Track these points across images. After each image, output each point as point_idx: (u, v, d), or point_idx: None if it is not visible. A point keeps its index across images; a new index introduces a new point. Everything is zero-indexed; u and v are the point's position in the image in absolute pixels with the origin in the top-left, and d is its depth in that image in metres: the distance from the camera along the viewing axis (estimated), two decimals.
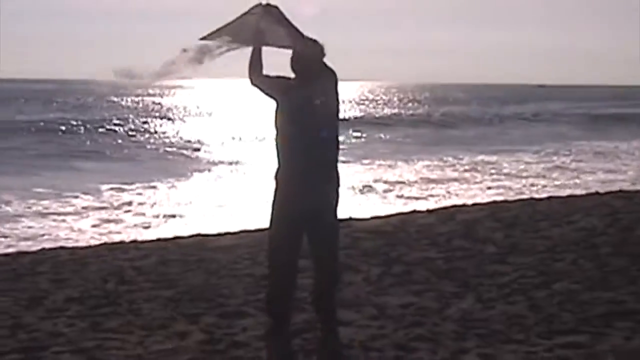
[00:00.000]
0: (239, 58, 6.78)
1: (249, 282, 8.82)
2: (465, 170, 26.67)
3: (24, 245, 12.99)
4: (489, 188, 21.88)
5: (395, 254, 10.18)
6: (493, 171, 26.36)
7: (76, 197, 19.02)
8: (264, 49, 6.66)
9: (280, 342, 6.62)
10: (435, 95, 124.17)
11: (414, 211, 14.68)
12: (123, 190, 20.42)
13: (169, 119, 56.13)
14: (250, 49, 6.65)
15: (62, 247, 11.82)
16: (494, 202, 16.45)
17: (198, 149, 34.53)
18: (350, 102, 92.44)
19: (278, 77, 6.60)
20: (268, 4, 6.52)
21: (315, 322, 6.92)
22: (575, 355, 6.39)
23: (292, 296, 6.74)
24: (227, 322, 7.35)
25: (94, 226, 15.51)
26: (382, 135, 44.79)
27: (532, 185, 22.92)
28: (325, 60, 6.52)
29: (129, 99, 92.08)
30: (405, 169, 27.06)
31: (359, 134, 43.22)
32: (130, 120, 48.69)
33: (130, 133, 41.97)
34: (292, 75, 6.56)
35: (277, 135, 6.63)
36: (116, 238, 13.44)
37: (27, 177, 23.79)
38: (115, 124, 46.46)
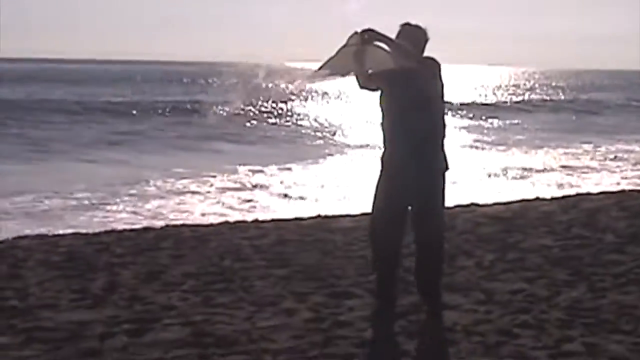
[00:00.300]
0: None
1: (361, 264, 8.85)
2: (602, 159, 25.98)
3: (153, 221, 13.37)
4: (624, 178, 21.20)
5: (512, 240, 10.07)
6: (631, 160, 25.54)
7: (214, 176, 19.44)
8: None
9: (385, 323, 6.77)
10: (582, 81, 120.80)
11: (537, 198, 14.44)
12: (259, 171, 20.73)
13: (306, 101, 56.35)
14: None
15: (184, 225, 12.08)
16: (622, 191, 16.01)
17: (334, 133, 34.63)
18: (488, 87, 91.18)
19: (382, 71, 6.72)
20: (363, 30, 6.64)
21: (421, 305, 7.00)
22: None
23: (396, 277, 6.90)
24: (335, 302, 7.43)
25: (225, 205, 15.83)
26: (520, 121, 43.88)
27: None
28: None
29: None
30: (539, 155, 26.62)
31: (496, 120, 42.73)
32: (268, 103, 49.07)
33: (266, 115, 42.33)
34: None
35: (382, 118, 6.82)
36: (241, 217, 13.68)
37: (168, 157, 24.60)
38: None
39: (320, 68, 7.06)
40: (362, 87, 6.90)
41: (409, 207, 6.74)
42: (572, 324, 6.78)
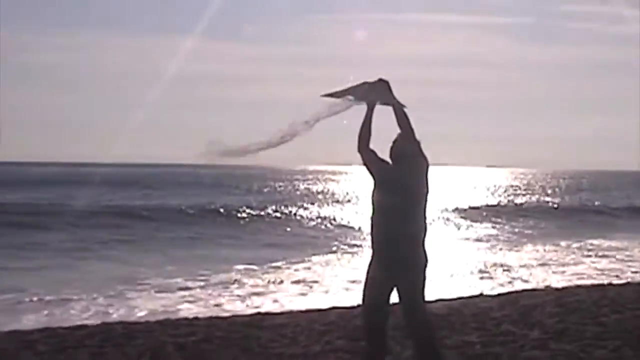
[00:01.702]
0: None
1: None
2: (581, 254, 25.89)
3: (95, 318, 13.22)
4: (593, 271, 20.88)
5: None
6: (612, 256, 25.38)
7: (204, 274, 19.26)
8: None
9: None
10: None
11: (481, 294, 14.31)
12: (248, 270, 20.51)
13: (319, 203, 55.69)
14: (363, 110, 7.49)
15: (120, 322, 11.94)
16: (563, 288, 15.75)
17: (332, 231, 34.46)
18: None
19: (380, 159, 7.38)
20: (380, 79, 7.42)
21: None
22: None
23: (383, 331, 7.44)
24: None
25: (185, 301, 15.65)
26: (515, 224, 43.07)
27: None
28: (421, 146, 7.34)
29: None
30: (520, 253, 26.49)
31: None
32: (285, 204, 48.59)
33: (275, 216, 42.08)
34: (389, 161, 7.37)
35: (372, 207, 7.38)
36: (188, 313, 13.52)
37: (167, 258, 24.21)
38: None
39: (337, 92, 7.57)
40: (359, 152, 7.40)
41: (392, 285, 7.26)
42: None
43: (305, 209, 46.49)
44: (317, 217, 41.83)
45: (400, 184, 7.21)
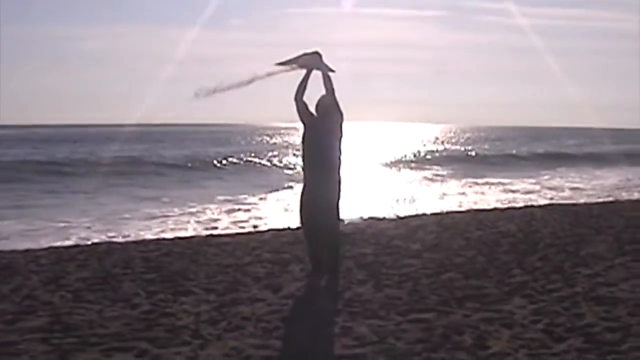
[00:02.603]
0: None
1: (210, 270, 8.89)
2: (466, 188, 26.03)
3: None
4: (474, 201, 20.83)
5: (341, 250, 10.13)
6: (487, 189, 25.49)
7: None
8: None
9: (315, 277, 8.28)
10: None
11: (383, 218, 14.59)
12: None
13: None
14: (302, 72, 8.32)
15: (110, 242, 12.12)
16: (446, 212, 15.84)
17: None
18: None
19: (309, 110, 8.21)
20: (315, 51, 8.31)
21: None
22: (414, 328, 6.34)
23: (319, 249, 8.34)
24: (173, 297, 7.47)
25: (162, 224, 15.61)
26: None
27: (510, 200, 20.84)
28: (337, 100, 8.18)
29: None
30: (428, 188, 26.60)
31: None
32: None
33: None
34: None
35: (302, 148, 8.27)
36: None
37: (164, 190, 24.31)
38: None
39: (281, 64, 8.34)
40: (295, 99, 8.22)
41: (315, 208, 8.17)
42: (341, 312, 6.89)
43: (272, 157, 46.32)
44: (281, 163, 41.87)
45: (322, 127, 8.13)
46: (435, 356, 5.60)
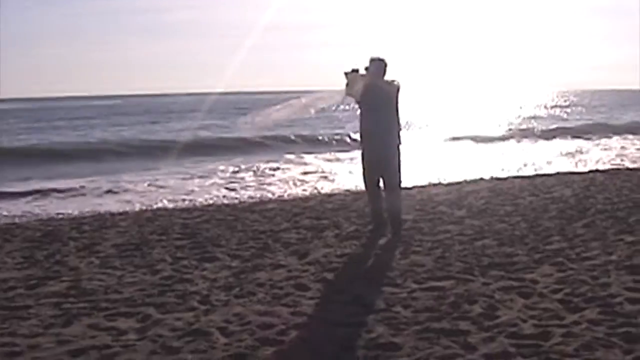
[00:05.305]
0: None
1: (249, 236, 9.00)
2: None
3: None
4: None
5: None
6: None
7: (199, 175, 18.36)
8: None
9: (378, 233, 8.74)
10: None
11: (438, 184, 14.38)
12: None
13: None
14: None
15: (149, 209, 12.36)
16: (503, 178, 15.24)
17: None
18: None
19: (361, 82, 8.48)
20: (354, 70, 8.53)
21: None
22: (425, 296, 6.29)
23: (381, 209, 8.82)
24: (198, 264, 7.60)
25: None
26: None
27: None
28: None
29: None
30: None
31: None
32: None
33: None
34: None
35: (360, 115, 8.65)
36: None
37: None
38: None
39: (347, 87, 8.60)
40: (347, 94, 8.58)
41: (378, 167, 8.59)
42: (357, 279, 6.90)
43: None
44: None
45: (379, 101, 8.46)
46: (436, 325, 5.52)
